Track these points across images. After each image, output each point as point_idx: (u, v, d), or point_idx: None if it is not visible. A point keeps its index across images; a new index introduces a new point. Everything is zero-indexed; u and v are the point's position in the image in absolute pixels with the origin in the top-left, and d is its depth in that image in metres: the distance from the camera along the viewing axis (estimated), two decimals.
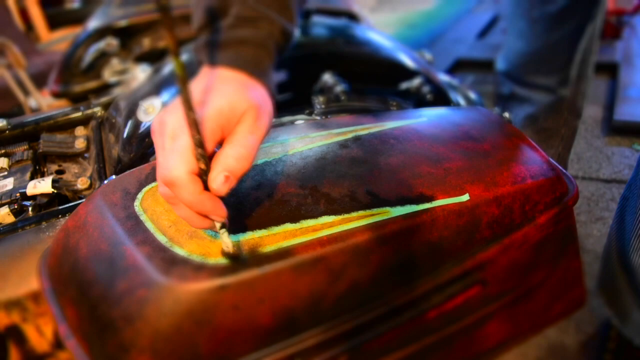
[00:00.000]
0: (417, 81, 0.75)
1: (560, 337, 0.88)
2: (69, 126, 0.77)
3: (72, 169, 0.69)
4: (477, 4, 2.89)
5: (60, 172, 0.68)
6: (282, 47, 0.45)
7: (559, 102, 0.99)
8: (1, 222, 0.56)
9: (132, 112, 0.69)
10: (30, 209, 0.56)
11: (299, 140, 0.52)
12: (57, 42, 2.21)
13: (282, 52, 0.46)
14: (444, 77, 0.90)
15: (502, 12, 2.55)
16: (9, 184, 0.62)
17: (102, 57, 0.93)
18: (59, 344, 0.51)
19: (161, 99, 0.68)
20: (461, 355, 0.54)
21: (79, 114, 0.78)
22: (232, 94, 0.37)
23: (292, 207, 0.42)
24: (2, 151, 0.69)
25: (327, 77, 0.69)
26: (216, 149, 0.37)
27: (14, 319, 0.48)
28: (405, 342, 0.47)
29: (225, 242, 0.37)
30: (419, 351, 0.48)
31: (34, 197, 0.58)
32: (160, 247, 0.39)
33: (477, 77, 1.94)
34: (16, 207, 0.56)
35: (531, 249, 0.49)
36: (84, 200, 0.51)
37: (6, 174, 0.65)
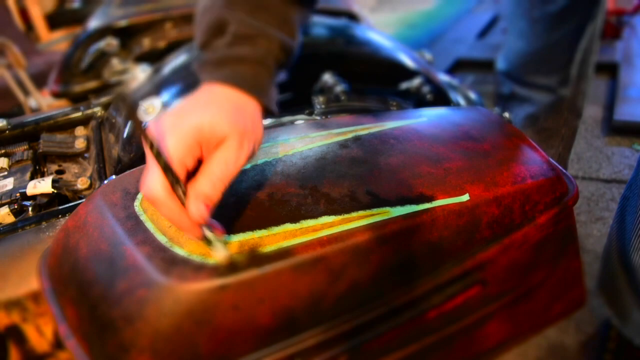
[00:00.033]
0: (417, 81, 0.74)
1: (560, 337, 0.88)
2: (69, 126, 0.77)
3: (72, 169, 0.69)
4: (477, 4, 2.89)
5: (60, 172, 0.68)
6: (283, 62, 0.45)
7: (559, 102, 0.99)
8: (1, 222, 0.56)
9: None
10: (30, 209, 0.56)
11: (299, 140, 0.52)
12: (57, 42, 2.21)
13: (284, 67, 0.46)
14: (444, 77, 0.90)
15: (502, 12, 2.55)
16: (9, 184, 0.62)
17: (102, 57, 0.93)
18: (59, 344, 0.51)
19: (161, 99, 0.68)
20: (461, 355, 0.54)
21: (79, 114, 0.78)
22: (216, 114, 0.37)
23: (292, 207, 0.42)
24: (2, 151, 0.69)
25: (327, 77, 0.69)
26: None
27: (14, 319, 0.48)
28: (405, 342, 0.47)
29: (218, 252, 0.37)
30: (419, 351, 0.48)
31: (34, 197, 0.58)
32: (160, 247, 0.39)
33: (477, 77, 1.94)
34: (16, 207, 0.56)
35: (531, 249, 0.49)
36: (84, 200, 0.51)
37: (6, 174, 0.65)
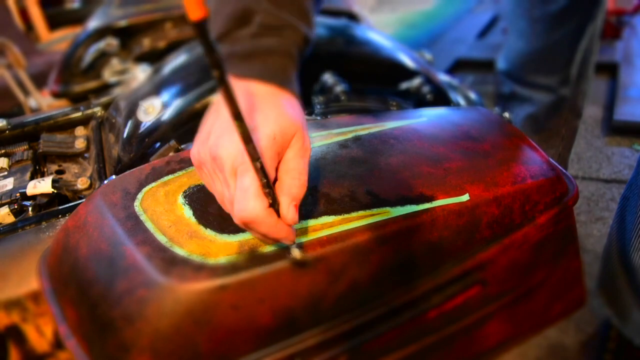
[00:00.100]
0: (417, 81, 0.74)
1: (560, 337, 0.88)
2: (69, 126, 0.77)
3: (72, 169, 0.69)
4: (477, 4, 2.89)
5: (60, 172, 0.68)
6: (304, 53, 0.45)
7: (560, 102, 0.99)
8: (1, 222, 0.56)
9: (132, 112, 0.69)
10: (30, 209, 0.56)
11: None
12: (57, 42, 2.21)
13: (303, 58, 0.46)
14: (444, 77, 0.90)
15: (502, 12, 2.55)
16: (9, 184, 0.62)
17: (102, 57, 0.93)
18: (59, 344, 0.51)
19: (161, 99, 0.68)
20: (461, 355, 0.54)
21: (79, 114, 0.78)
22: (280, 118, 0.38)
23: None
24: (2, 151, 0.69)
25: (327, 77, 0.69)
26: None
27: (14, 319, 0.48)
28: (405, 342, 0.47)
29: (294, 252, 0.38)
30: (419, 351, 0.48)
31: (34, 197, 0.58)
32: (160, 247, 0.39)
33: (477, 77, 1.94)
34: (16, 207, 0.56)
35: (531, 249, 0.49)
36: (84, 200, 0.51)
37: (6, 174, 0.65)
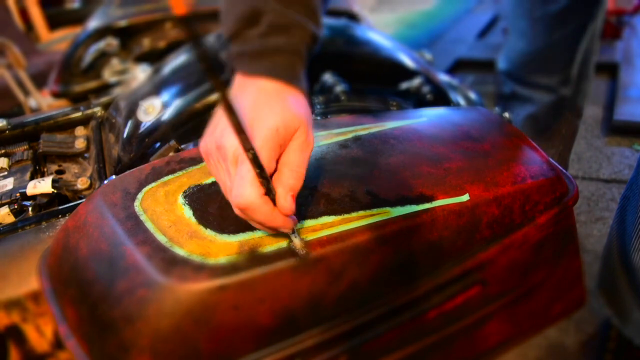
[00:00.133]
0: (417, 81, 0.74)
1: (560, 337, 0.88)
2: (69, 126, 0.77)
3: (72, 169, 0.69)
4: (477, 4, 2.89)
5: (60, 172, 0.68)
6: (312, 51, 0.46)
7: (560, 102, 0.99)
8: (1, 222, 0.56)
9: (132, 112, 0.69)
10: (30, 209, 0.56)
11: None
12: (57, 42, 2.21)
13: (312, 56, 0.47)
14: (444, 77, 0.90)
15: (502, 12, 2.55)
16: (9, 184, 0.62)
17: (102, 57, 0.93)
18: (59, 344, 0.51)
19: (161, 99, 0.68)
20: (461, 355, 0.54)
21: (79, 114, 0.78)
22: (284, 112, 0.38)
23: None
24: (2, 151, 0.69)
25: (327, 77, 0.69)
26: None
27: (14, 319, 0.48)
28: (405, 342, 0.47)
29: (295, 243, 0.39)
30: (419, 351, 0.48)
31: (34, 197, 0.58)
32: (160, 247, 0.39)
33: (477, 77, 1.94)
34: (16, 207, 0.56)
35: (531, 249, 0.49)
36: (84, 200, 0.51)
37: (6, 174, 0.65)
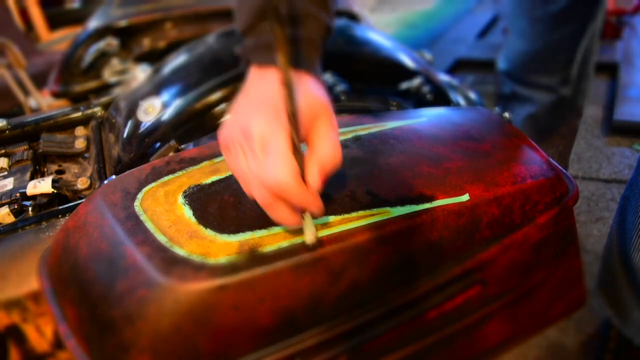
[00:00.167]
0: (417, 81, 0.74)
1: (560, 337, 0.88)
2: (69, 126, 0.77)
3: (72, 169, 0.69)
4: (477, 4, 2.89)
5: (60, 172, 0.68)
6: (326, 42, 0.46)
7: (560, 102, 0.99)
8: (1, 222, 0.56)
9: (132, 112, 0.69)
10: (30, 209, 0.56)
11: None
12: (57, 42, 2.21)
13: (326, 47, 0.47)
14: (444, 77, 0.90)
15: (502, 12, 2.55)
16: (9, 184, 0.62)
17: (102, 57, 0.93)
18: (59, 344, 0.51)
19: (161, 99, 0.68)
20: (461, 355, 0.54)
21: (79, 114, 0.78)
22: (307, 96, 0.39)
23: None
24: (2, 151, 0.69)
25: (327, 77, 0.69)
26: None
27: (14, 319, 0.48)
28: (405, 342, 0.47)
29: (310, 231, 0.38)
30: (419, 351, 0.48)
31: (34, 197, 0.58)
32: (160, 247, 0.39)
33: (477, 77, 1.94)
34: (16, 207, 0.56)
35: (531, 249, 0.49)
36: (84, 200, 0.51)
37: (6, 174, 0.65)
